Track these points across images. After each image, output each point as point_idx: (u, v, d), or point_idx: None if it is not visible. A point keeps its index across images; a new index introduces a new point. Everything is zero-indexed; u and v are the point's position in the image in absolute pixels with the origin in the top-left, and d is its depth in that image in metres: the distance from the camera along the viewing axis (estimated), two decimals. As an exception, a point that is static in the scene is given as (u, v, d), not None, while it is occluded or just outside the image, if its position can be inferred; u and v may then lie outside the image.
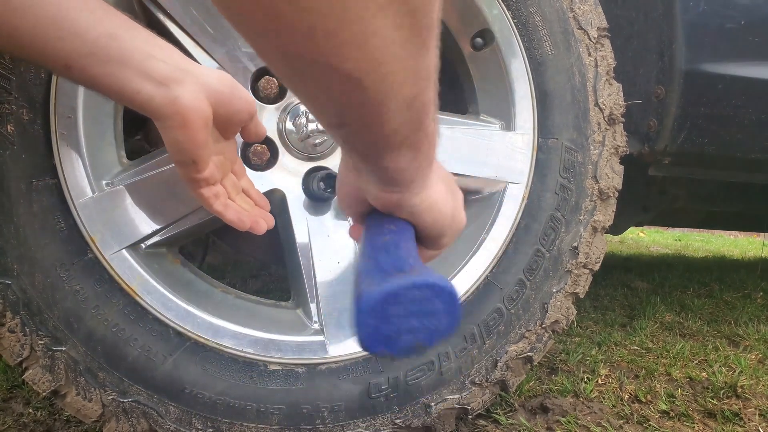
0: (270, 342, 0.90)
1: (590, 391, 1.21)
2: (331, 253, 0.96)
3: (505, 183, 1.03)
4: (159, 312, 0.86)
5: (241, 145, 0.92)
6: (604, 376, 1.30)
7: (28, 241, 0.81)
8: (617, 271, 2.84)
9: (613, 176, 1.07)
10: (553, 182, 1.04)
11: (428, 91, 0.43)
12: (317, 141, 0.94)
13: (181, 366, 0.86)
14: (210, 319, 0.89)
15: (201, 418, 0.86)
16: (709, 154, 1.29)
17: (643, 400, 1.19)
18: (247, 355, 0.89)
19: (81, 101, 0.84)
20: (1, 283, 0.81)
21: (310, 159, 0.95)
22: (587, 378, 1.28)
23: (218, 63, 0.89)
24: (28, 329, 0.82)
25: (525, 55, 1.02)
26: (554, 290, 1.03)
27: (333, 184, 0.92)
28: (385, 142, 0.45)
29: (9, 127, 0.80)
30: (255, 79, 0.92)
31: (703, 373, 1.34)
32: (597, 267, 1.07)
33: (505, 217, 1.02)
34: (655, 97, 1.25)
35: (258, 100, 0.92)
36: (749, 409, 1.15)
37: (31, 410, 1.06)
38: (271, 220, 0.84)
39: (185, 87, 0.65)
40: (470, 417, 1.00)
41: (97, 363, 0.84)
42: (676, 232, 7.63)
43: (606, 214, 1.07)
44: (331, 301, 0.94)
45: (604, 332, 1.67)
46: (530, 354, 1.02)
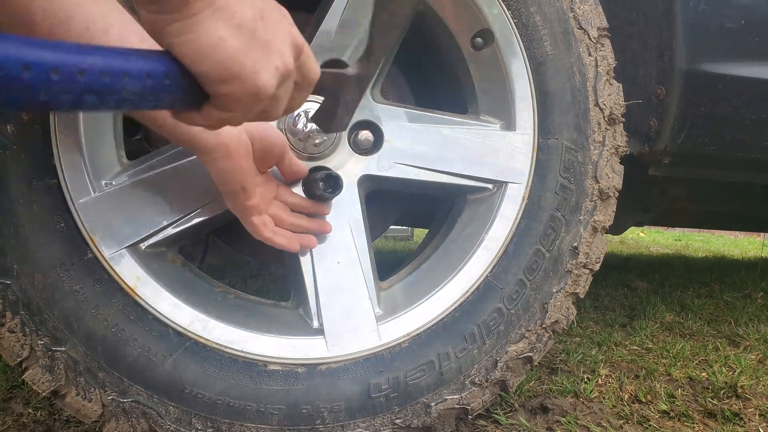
0: (270, 342, 0.90)
1: (590, 391, 1.21)
2: (331, 253, 0.96)
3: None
4: (159, 312, 0.86)
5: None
6: (604, 376, 1.30)
7: (28, 241, 0.81)
8: (617, 271, 2.85)
9: (613, 176, 1.07)
10: (553, 182, 1.04)
11: None
12: (317, 141, 0.94)
13: (181, 366, 0.86)
14: (210, 319, 0.89)
15: (201, 418, 0.86)
16: (709, 154, 1.29)
17: (643, 400, 1.19)
18: (247, 355, 0.89)
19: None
20: (1, 283, 0.81)
21: (310, 159, 0.95)
22: (587, 378, 1.28)
23: (218, 63, 0.88)
24: (27, 329, 0.82)
25: (525, 55, 1.02)
26: (554, 290, 1.03)
27: (333, 184, 0.92)
28: None
29: (9, 127, 0.80)
30: (255, 79, 0.92)
31: (704, 373, 1.34)
32: (597, 267, 1.07)
33: (505, 217, 1.02)
34: (655, 97, 1.25)
35: (258, 100, 0.92)
36: (749, 409, 1.15)
37: (31, 410, 1.06)
38: (313, 241, 0.92)
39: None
40: (470, 417, 1.00)
41: (97, 363, 0.84)
42: (676, 232, 7.64)
43: (606, 214, 1.07)
44: (331, 301, 0.94)
45: (604, 332, 1.67)
46: (530, 354, 1.02)
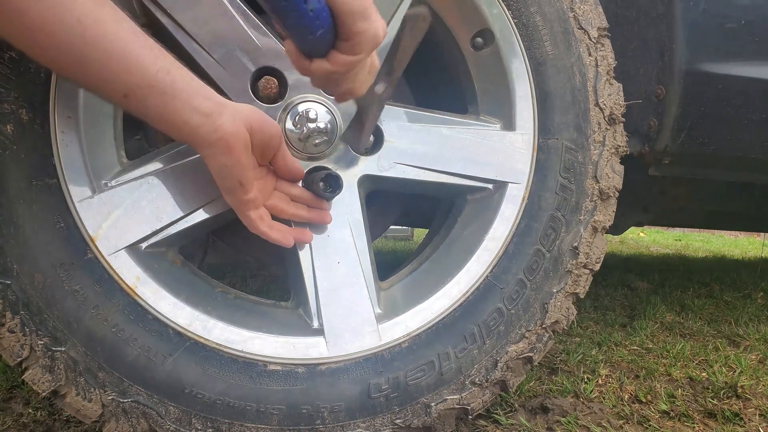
0: (270, 342, 0.90)
1: (590, 391, 1.21)
2: (331, 253, 0.96)
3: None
4: (159, 312, 0.86)
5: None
6: (604, 376, 1.30)
7: (28, 241, 0.81)
8: (617, 271, 2.85)
9: (613, 176, 1.07)
10: (553, 182, 1.04)
11: None
12: (317, 141, 0.93)
13: (181, 366, 0.86)
14: (210, 319, 0.89)
15: (201, 418, 0.86)
16: (709, 154, 1.29)
17: (644, 400, 1.19)
18: (247, 355, 0.89)
19: (81, 101, 0.84)
20: (1, 283, 0.81)
21: (310, 159, 0.95)
22: (587, 378, 1.28)
23: (218, 63, 0.89)
24: (27, 329, 0.82)
25: (525, 54, 1.02)
26: (554, 290, 1.03)
27: (333, 183, 0.92)
28: None
29: (9, 127, 0.80)
30: (255, 79, 0.92)
31: (704, 373, 1.34)
32: (597, 267, 1.07)
33: (505, 217, 1.02)
34: (655, 97, 1.25)
35: (258, 99, 0.92)
36: (749, 410, 1.15)
37: (30, 410, 1.06)
38: (308, 236, 0.93)
39: (225, 117, 0.73)
40: (470, 417, 1.00)
41: (97, 363, 0.84)
42: (677, 232, 7.64)
43: (606, 214, 1.07)
44: (331, 301, 0.94)
45: (604, 332, 1.67)
46: (530, 354, 1.02)
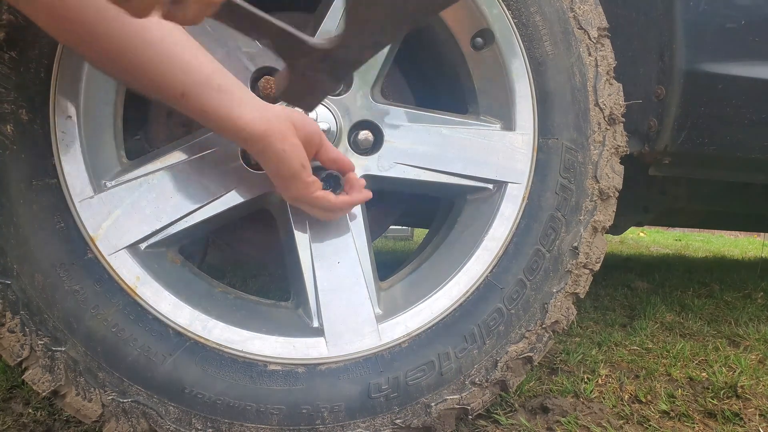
0: (270, 342, 0.90)
1: (590, 392, 1.21)
2: (331, 253, 0.96)
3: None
4: (159, 312, 0.86)
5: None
6: (604, 376, 1.30)
7: (28, 241, 0.81)
8: (617, 271, 2.85)
9: (613, 176, 1.07)
10: (553, 182, 1.04)
11: None
12: (317, 141, 0.93)
13: (181, 366, 0.86)
14: (210, 319, 0.89)
15: (201, 418, 0.86)
16: (709, 154, 1.29)
17: (644, 401, 1.19)
18: (247, 355, 0.89)
19: (81, 101, 0.84)
20: (1, 283, 0.81)
21: (310, 159, 0.95)
22: (587, 378, 1.28)
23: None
24: (27, 329, 0.82)
25: (525, 54, 1.02)
26: (554, 290, 1.03)
27: (333, 184, 0.92)
28: None
29: (9, 127, 0.80)
30: (255, 79, 0.92)
31: (704, 374, 1.34)
32: (597, 267, 1.07)
33: (505, 217, 1.02)
34: (655, 97, 1.25)
35: (258, 100, 0.92)
36: (749, 410, 1.15)
37: (30, 410, 1.06)
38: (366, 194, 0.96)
39: (273, 112, 0.80)
40: (470, 417, 1.00)
41: (97, 363, 0.84)
42: (677, 232, 7.64)
43: (606, 214, 1.07)
44: (331, 301, 0.94)
45: (604, 332, 1.67)
46: (530, 354, 1.02)
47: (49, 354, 0.82)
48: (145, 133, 1.07)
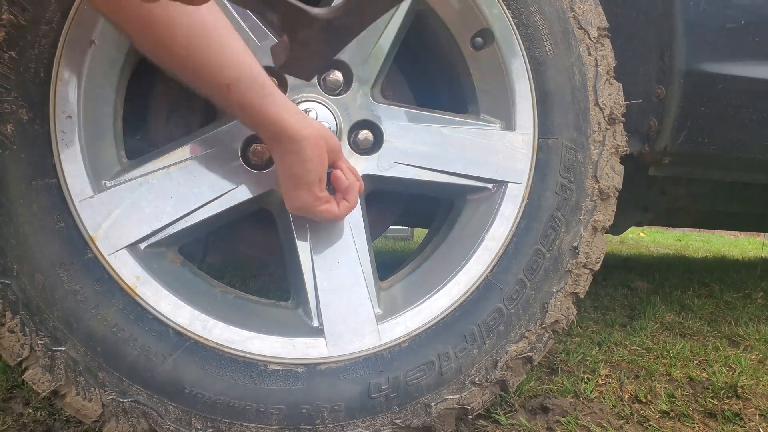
0: (270, 342, 0.90)
1: (590, 391, 1.21)
2: (331, 253, 0.96)
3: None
4: (159, 312, 0.86)
5: (241, 144, 0.92)
6: (604, 376, 1.30)
7: (28, 241, 0.81)
8: (617, 271, 2.85)
9: (613, 176, 1.07)
10: (553, 182, 1.04)
11: None
12: (317, 141, 0.93)
13: (181, 366, 0.86)
14: (210, 319, 0.89)
15: (201, 418, 0.86)
16: (709, 154, 1.29)
17: (644, 400, 1.19)
18: (247, 355, 0.89)
19: (81, 101, 0.84)
20: (1, 283, 0.81)
21: (310, 159, 0.95)
22: (587, 378, 1.28)
23: (218, 63, 0.89)
24: (27, 329, 0.82)
25: (525, 54, 1.02)
26: (554, 290, 1.03)
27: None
28: None
29: (9, 127, 0.80)
30: (255, 79, 0.92)
31: (704, 373, 1.33)
32: (597, 267, 1.07)
33: (505, 216, 1.02)
34: (655, 97, 1.25)
35: (258, 99, 0.92)
36: (749, 410, 1.15)
37: (30, 410, 1.05)
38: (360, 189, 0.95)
39: (311, 120, 0.85)
40: (470, 417, 1.00)
41: (97, 363, 0.84)
42: (677, 232, 7.64)
43: (606, 214, 1.07)
44: (331, 301, 0.94)
45: (604, 332, 1.67)
46: (530, 354, 1.02)
47: (49, 354, 0.82)
48: (145, 133, 1.07)
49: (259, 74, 0.80)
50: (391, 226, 1.53)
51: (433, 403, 0.95)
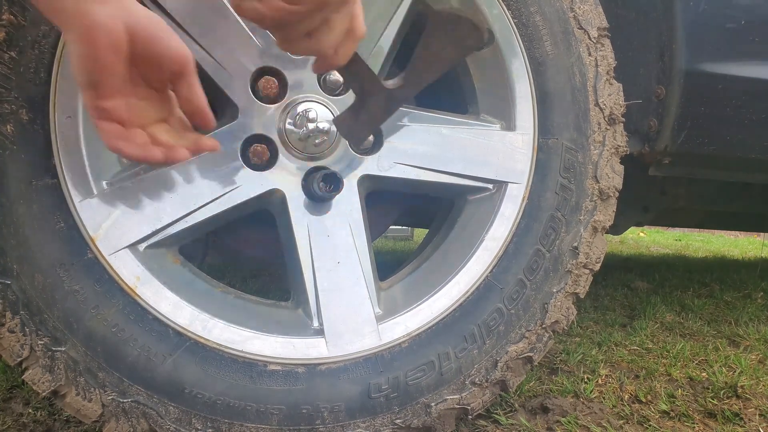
0: (270, 342, 0.90)
1: (590, 392, 1.21)
2: (331, 253, 0.96)
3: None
4: (159, 312, 0.86)
5: (240, 144, 0.92)
6: (604, 376, 1.30)
7: (28, 241, 0.81)
8: (617, 272, 2.84)
9: (613, 176, 1.07)
10: (553, 182, 1.04)
11: None
12: (317, 141, 0.94)
13: (181, 366, 0.86)
14: (210, 319, 0.89)
15: (201, 418, 0.86)
16: (709, 154, 1.29)
17: (644, 400, 1.19)
18: (247, 355, 0.89)
19: (81, 101, 0.84)
20: (1, 283, 0.81)
21: (310, 159, 0.95)
22: (587, 378, 1.28)
23: (218, 62, 0.89)
24: (27, 329, 0.82)
25: (525, 54, 1.02)
26: (554, 290, 1.03)
27: (333, 183, 0.92)
28: None
29: (9, 127, 0.80)
30: (255, 79, 0.92)
31: (704, 374, 1.34)
32: (597, 267, 1.07)
33: (505, 217, 1.02)
34: (655, 97, 1.25)
35: (258, 100, 0.92)
36: (749, 410, 1.15)
37: (30, 410, 1.05)
38: (206, 144, 0.77)
39: (105, 8, 0.64)
40: (470, 417, 1.00)
41: (97, 363, 0.84)
42: (677, 232, 7.63)
43: (606, 214, 1.07)
44: (331, 301, 0.94)
45: (604, 332, 1.67)
46: (530, 354, 1.02)
47: (49, 354, 0.82)
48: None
49: None
50: (391, 226, 1.53)
51: (433, 404, 0.95)
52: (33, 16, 0.80)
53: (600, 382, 1.27)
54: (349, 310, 0.94)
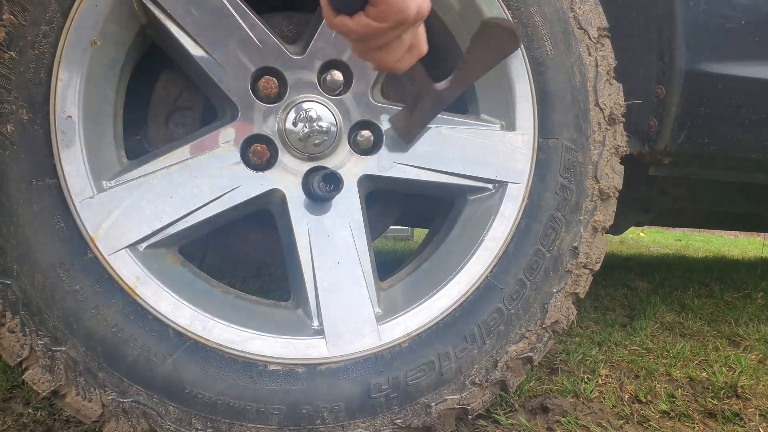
0: (270, 342, 0.90)
1: (590, 391, 1.21)
2: (331, 253, 0.96)
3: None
4: (159, 312, 0.86)
5: (240, 144, 0.92)
6: (604, 376, 1.30)
7: (28, 241, 0.81)
8: (617, 272, 2.84)
9: (613, 176, 1.07)
10: (553, 182, 1.04)
11: None
12: (317, 141, 0.94)
13: (181, 366, 0.86)
14: (210, 319, 0.89)
15: (201, 418, 0.86)
16: (709, 154, 1.29)
17: (644, 400, 1.19)
18: (247, 355, 0.89)
19: (81, 101, 0.84)
20: (1, 283, 0.81)
21: (310, 159, 0.95)
22: (587, 378, 1.28)
23: (218, 63, 0.89)
24: (28, 329, 0.82)
25: (525, 55, 1.02)
26: (554, 290, 1.03)
27: (333, 183, 0.92)
28: None
29: (9, 127, 0.80)
30: (255, 79, 0.92)
31: (704, 373, 1.34)
32: (597, 267, 1.07)
33: (505, 217, 1.02)
34: (655, 97, 1.25)
35: (258, 99, 0.92)
36: (749, 410, 1.15)
37: (31, 410, 1.05)
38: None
39: None
40: (470, 417, 1.00)
41: (97, 363, 0.84)
42: (677, 232, 7.63)
43: (606, 214, 1.07)
44: (331, 302, 0.94)
45: (604, 332, 1.67)
46: (530, 354, 1.02)
47: (49, 354, 0.82)
48: (145, 133, 1.07)
49: None
50: (391, 226, 1.53)
51: (433, 404, 0.95)
52: (33, 17, 0.80)
53: (600, 382, 1.27)
54: (349, 310, 0.94)
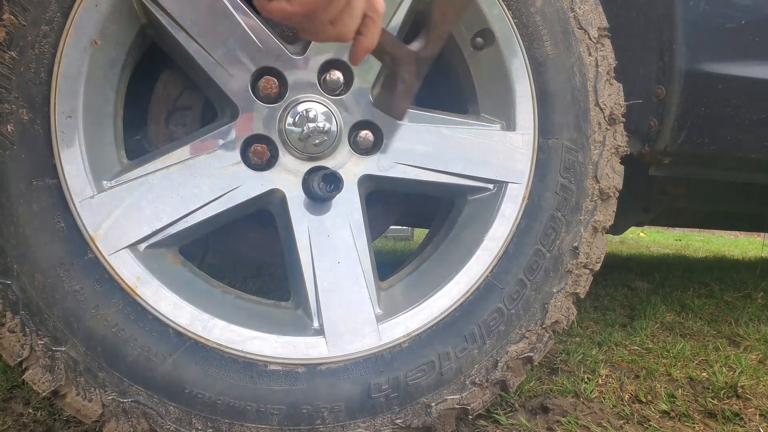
0: (270, 342, 0.90)
1: (591, 391, 1.21)
2: (331, 253, 0.96)
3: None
4: (159, 312, 0.86)
5: (241, 144, 0.92)
6: (604, 376, 1.30)
7: (28, 241, 0.81)
8: (618, 272, 2.84)
9: (613, 176, 1.07)
10: (553, 182, 1.04)
11: None
12: (317, 141, 0.94)
13: (181, 366, 0.86)
14: (210, 319, 0.89)
15: (201, 418, 0.86)
16: (709, 154, 1.29)
17: (644, 400, 1.19)
18: (247, 355, 0.89)
19: (81, 101, 0.84)
20: (1, 283, 0.81)
21: (310, 159, 0.95)
22: (588, 378, 1.28)
23: (218, 63, 0.89)
24: (28, 329, 0.82)
25: (525, 54, 1.02)
26: (555, 290, 1.03)
27: (333, 183, 0.92)
28: None
29: (9, 127, 0.80)
30: (255, 79, 0.92)
31: (704, 374, 1.34)
32: (597, 267, 1.07)
33: (505, 217, 1.02)
34: (655, 97, 1.25)
35: (258, 99, 0.92)
36: (750, 410, 1.15)
37: (31, 410, 1.05)
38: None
39: None
40: (470, 417, 1.00)
41: (97, 363, 0.84)
42: (677, 232, 7.63)
43: (606, 214, 1.07)
44: (331, 301, 0.94)
45: (604, 332, 1.67)
46: (530, 354, 1.02)
47: (49, 354, 0.82)
48: (145, 133, 1.07)
49: None
50: (391, 226, 1.53)
51: (433, 404, 0.95)
52: (33, 17, 0.80)
53: (600, 382, 1.27)
54: (349, 310, 0.94)
